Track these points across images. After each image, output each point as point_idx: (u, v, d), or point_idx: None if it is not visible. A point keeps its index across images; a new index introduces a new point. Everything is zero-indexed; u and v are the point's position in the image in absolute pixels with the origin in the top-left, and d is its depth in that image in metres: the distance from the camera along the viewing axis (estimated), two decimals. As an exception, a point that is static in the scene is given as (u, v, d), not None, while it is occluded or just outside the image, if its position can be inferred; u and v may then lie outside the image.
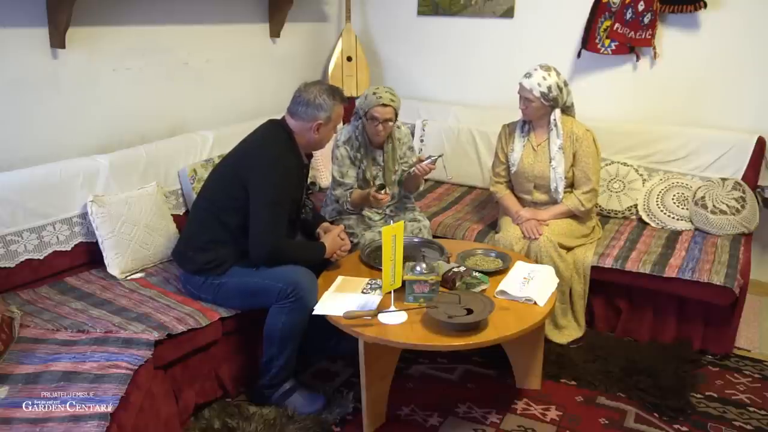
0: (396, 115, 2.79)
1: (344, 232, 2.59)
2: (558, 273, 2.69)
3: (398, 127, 2.97)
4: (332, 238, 2.51)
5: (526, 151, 2.94)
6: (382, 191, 2.70)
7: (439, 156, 2.81)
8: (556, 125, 2.83)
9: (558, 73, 2.81)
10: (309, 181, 2.64)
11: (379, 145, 2.88)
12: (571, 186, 2.94)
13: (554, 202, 2.94)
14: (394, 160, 2.92)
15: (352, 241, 2.87)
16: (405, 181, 2.97)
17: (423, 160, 2.76)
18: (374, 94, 2.72)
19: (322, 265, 2.52)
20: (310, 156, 2.57)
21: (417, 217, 3.03)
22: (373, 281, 2.40)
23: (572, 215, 2.92)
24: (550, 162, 2.87)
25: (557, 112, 2.83)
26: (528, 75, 2.79)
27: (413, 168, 2.78)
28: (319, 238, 2.59)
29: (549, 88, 2.76)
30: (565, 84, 2.83)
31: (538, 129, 2.92)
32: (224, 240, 2.37)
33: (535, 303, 2.24)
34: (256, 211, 2.29)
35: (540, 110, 2.83)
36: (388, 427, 2.34)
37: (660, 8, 3.28)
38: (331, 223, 3.02)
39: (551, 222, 2.87)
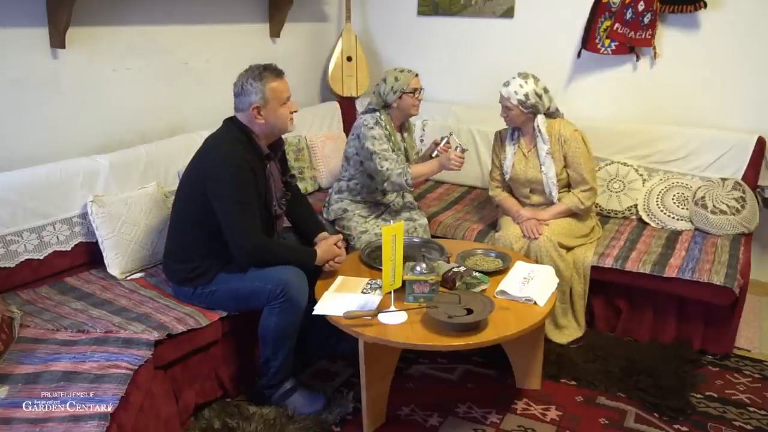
0: None
1: (342, 241, 2.54)
2: (558, 273, 2.69)
3: None
4: (327, 246, 2.45)
5: (517, 157, 2.96)
6: (445, 140, 2.89)
7: (450, 135, 2.94)
8: (540, 132, 2.83)
9: (536, 80, 2.82)
10: (289, 173, 2.59)
11: (401, 126, 3.03)
12: (568, 186, 2.95)
13: (552, 203, 2.94)
14: (412, 140, 3.11)
15: (349, 243, 2.88)
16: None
17: (438, 144, 2.90)
18: (402, 72, 2.89)
19: (317, 271, 2.47)
20: (277, 145, 2.48)
21: (413, 216, 3.04)
22: (373, 281, 2.40)
23: (572, 214, 2.92)
24: (541, 168, 2.88)
25: (540, 118, 2.84)
26: (506, 83, 2.83)
27: (436, 151, 2.91)
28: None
29: (526, 95, 2.77)
30: (545, 91, 2.83)
31: (526, 135, 2.94)
32: (203, 249, 2.35)
33: (535, 303, 2.24)
34: (224, 214, 2.25)
35: (520, 117, 2.85)
36: (388, 427, 2.34)
37: (660, 8, 3.28)
38: (332, 223, 3.04)
39: (551, 222, 2.87)
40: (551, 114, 2.89)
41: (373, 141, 2.84)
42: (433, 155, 2.91)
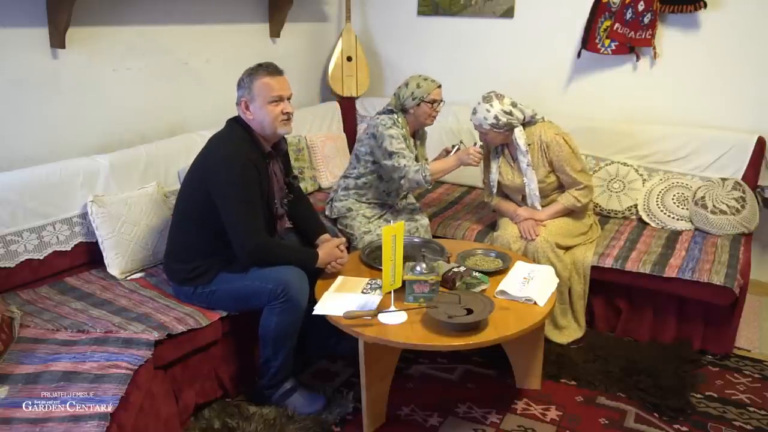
0: None
1: (344, 244, 2.53)
2: (556, 274, 2.69)
3: None
4: (329, 248, 2.45)
5: (503, 168, 2.97)
6: (456, 148, 2.90)
7: (460, 142, 2.95)
8: (518, 144, 2.83)
9: (501, 99, 2.79)
10: (292, 175, 2.59)
11: (422, 127, 3.03)
12: (559, 188, 2.95)
13: (545, 204, 2.95)
14: (424, 150, 3.10)
15: (350, 242, 2.88)
16: None
17: (449, 152, 2.90)
18: (425, 80, 2.88)
19: (317, 272, 2.46)
20: (280, 145, 2.47)
21: (415, 217, 3.04)
22: (373, 281, 2.40)
23: (569, 213, 2.92)
24: (524, 179, 2.88)
25: (517, 131, 2.82)
26: (474, 112, 2.84)
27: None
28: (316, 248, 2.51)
29: (496, 118, 2.77)
30: (513, 105, 2.81)
31: (510, 146, 2.93)
32: (204, 249, 2.35)
33: (535, 303, 2.24)
34: (227, 213, 2.25)
35: (498, 137, 2.85)
36: (388, 427, 2.34)
37: (660, 8, 3.28)
38: (335, 220, 3.03)
39: (548, 222, 2.88)
40: (529, 122, 2.87)
41: (391, 140, 2.83)
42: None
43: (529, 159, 2.84)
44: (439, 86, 2.89)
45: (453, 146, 2.91)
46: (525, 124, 2.86)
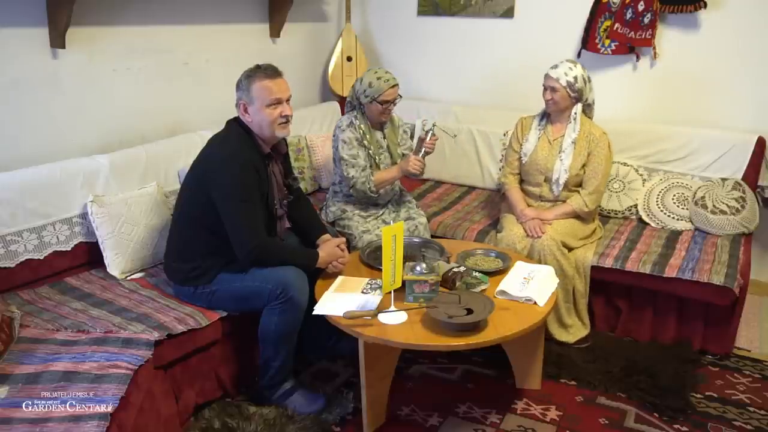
0: None
1: (344, 244, 2.52)
2: (562, 271, 2.70)
3: None
4: (329, 248, 2.45)
5: (541, 143, 2.98)
6: (431, 133, 2.80)
7: (433, 125, 2.87)
8: (575, 119, 2.87)
9: (583, 68, 2.87)
10: (292, 176, 2.59)
11: (381, 124, 2.97)
12: (579, 185, 2.95)
13: (561, 199, 2.95)
14: (396, 136, 3.05)
15: (350, 243, 2.88)
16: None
17: (424, 140, 2.82)
18: (379, 79, 2.81)
19: (317, 272, 2.46)
20: (280, 147, 2.47)
21: (412, 215, 3.03)
22: (373, 281, 2.40)
23: (576, 216, 2.93)
24: (560, 154, 2.89)
25: (579, 106, 2.87)
26: (554, 66, 2.87)
27: (423, 148, 2.82)
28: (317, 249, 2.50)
29: (575, 78, 2.81)
30: (589, 79, 2.88)
31: (556, 123, 2.96)
32: (204, 249, 2.35)
33: (535, 303, 2.24)
34: (227, 212, 2.24)
35: (565, 101, 2.86)
36: (388, 427, 2.34)
37: (660, 8, 3.28)
38: (332, 224, 3.03)
39: (554, 222, 2.88)
40: (585, 108, 2.93)
41: (343, 145, 2.84)
42: (421, 154, 2.82)
43: (576, 137, 2.87)
44: (394, 86, 2.82)
45: (427, 132, 2.83)
46: (582, 108, 2.91)
